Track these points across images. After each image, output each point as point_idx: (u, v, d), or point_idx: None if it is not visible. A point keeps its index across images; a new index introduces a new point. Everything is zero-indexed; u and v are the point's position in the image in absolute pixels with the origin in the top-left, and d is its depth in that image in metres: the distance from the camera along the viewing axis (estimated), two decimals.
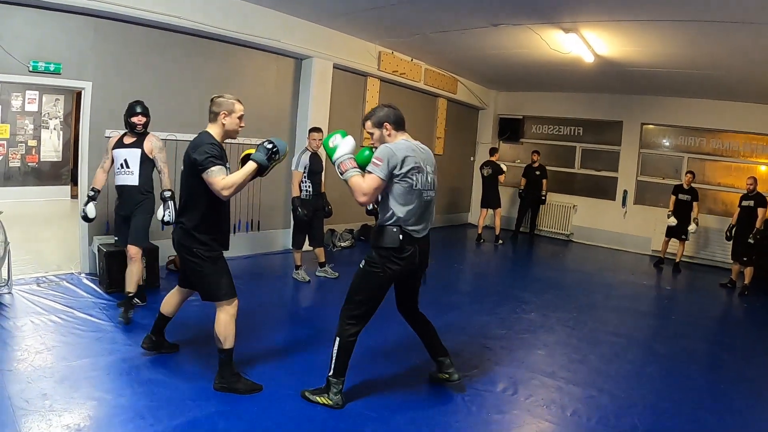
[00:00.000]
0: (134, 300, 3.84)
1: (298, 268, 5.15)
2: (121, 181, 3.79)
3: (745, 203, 6.32)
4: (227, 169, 2.61)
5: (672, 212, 7.17)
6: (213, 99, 2.73)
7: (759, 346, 4.47)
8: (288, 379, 2.95)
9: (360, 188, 2.51)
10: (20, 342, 3.16)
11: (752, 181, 6.29)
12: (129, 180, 3.76)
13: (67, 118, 8.75)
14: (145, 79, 4.86)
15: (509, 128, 9.89)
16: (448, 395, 2.98)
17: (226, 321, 2.70)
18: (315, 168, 4.96)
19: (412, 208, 2.58)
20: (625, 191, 8.80)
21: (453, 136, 9.34)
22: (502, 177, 8.22)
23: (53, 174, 8.82)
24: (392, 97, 7.11)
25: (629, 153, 8.79)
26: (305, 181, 4.93)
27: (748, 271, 6.22)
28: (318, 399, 2.70)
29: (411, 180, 2.54)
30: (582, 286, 6.09)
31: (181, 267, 2.96)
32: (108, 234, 4.58)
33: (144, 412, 2.49)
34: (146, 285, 4.19)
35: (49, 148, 8.69)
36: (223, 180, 2.54)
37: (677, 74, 6.57)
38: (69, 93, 8.44)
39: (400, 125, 2.66)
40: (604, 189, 9.08)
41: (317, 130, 5.00)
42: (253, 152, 2.66)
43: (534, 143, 9.62)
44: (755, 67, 5.68)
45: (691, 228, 7.10)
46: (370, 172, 2.51)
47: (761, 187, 6.47)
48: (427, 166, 2.65)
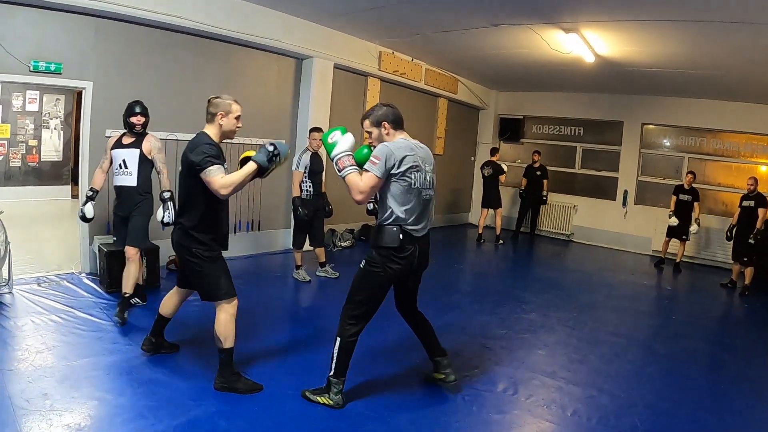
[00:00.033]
0: (134, 300, 3.85)
1: (298, 268, 5.16)
2: (119, 182, 3.78)
3: (745, 203, 6.32)
4: (225, 169, 2.62)
5: (673, 212, 7.17)
6: (210, 100, 2.73)
7: (759, 346, 4.47)
8: (288, 379, 2.95)
9: (357, 186, 2.50)
10: (21, 342, 3.16)
11: (753, 181, 6.29)
12: (127, 180, 3.75)
13: (67, 118, 8.76)
14: (146, 79, 4.86)
15: (510, 128, 9.89)
16: (449, 395, 2.98)
17: (226, 321, 2.70)
18: (316, 168, 4.96)
19: (411, 207, 2.58)
20: (626, 191, 8.80)
21: (453, 136, 9.34)
22: (503, 177, 8.23)
23: (54, 174, 8.82)
24: (393, 97, 7.09)
25: (630, 153, 8.78)
26: (306, 181, 4.93)
27: (749, 272, 6.22)
28: (318, 399, 2.70)
29: (410, 179, 2.54)
30: (582, 286, 6.09)
31: (180, 267, 2.97)
32: (109, 234, 4.58)
33: (145, 411, 2.49)
34: (147, 285, 4.20)
35: (50, 148, 8.69)
36: (221, 179, 2.54)
37: (677, 74, 6.57)
38: (70, 93, 8.44)
39: (398, 124, 2.66)
40: (604, 189, 9.08)
41: (318, 130, 4.99)
42: (253, 154, 2.67)
43: (534, 143, 9.60)
44: (755, 67, 5.68)
45: (693, 228, 7.10)
46: (368, 170, 2.51)
47: (762, 188, 6.47)
48: (426, 164, 2.65)
